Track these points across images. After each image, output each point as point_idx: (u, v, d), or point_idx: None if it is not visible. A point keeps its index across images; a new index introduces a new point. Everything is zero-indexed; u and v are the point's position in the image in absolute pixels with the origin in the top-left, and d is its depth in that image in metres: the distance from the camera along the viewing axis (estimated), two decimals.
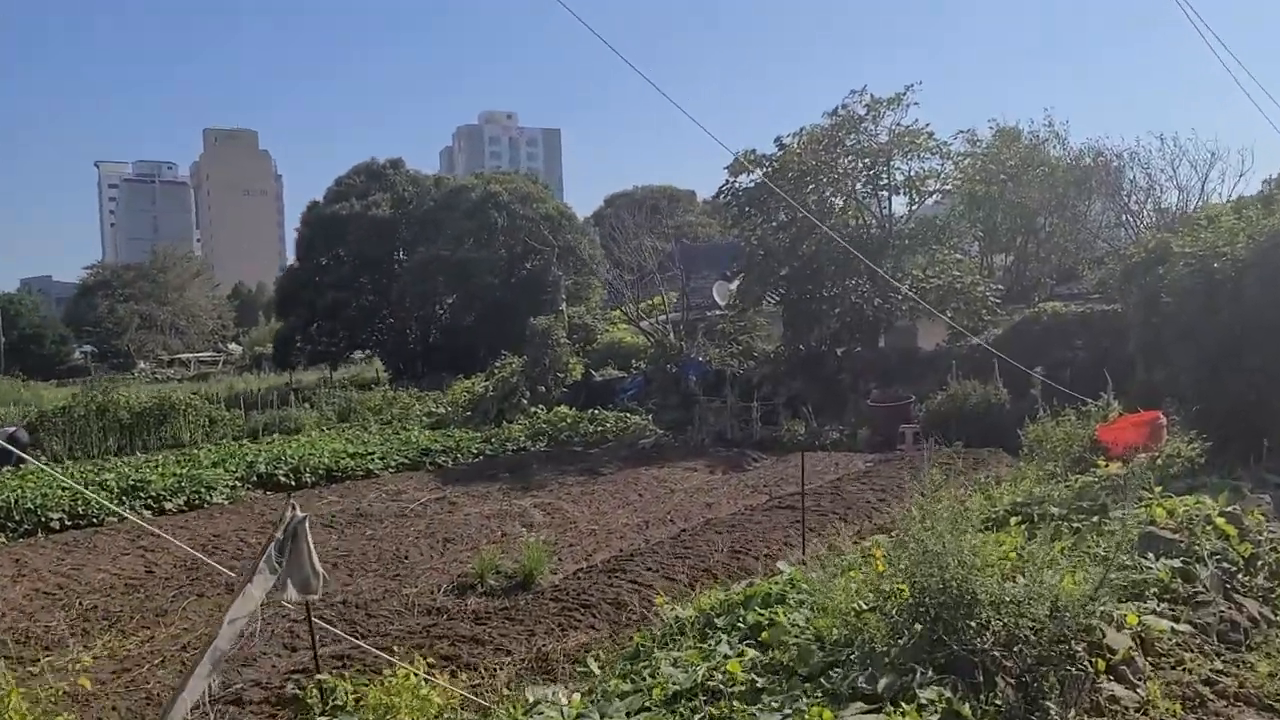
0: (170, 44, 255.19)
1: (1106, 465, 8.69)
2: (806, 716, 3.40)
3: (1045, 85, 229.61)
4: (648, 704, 3.93)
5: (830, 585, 5.08)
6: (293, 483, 15.85)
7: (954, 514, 6.18)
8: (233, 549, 10.85)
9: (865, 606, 4.25)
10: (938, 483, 8.66)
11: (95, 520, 12.57)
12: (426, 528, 11.92)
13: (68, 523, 12.35)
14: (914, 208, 24.46)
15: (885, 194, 24.10)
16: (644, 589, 8.70)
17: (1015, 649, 3.55)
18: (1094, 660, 3.69)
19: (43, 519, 12.20)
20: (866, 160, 23.56)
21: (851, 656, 3.86)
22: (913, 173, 23.81)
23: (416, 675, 4.61)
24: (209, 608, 8.38)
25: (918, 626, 3.72)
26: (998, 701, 3.42)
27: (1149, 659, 4.10)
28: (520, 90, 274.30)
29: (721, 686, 3.84)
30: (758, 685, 3.83)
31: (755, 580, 7.21)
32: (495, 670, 6.46)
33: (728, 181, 24.17)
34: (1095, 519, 6.60)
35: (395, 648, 6.36)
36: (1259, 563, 6.31)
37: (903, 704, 3.37)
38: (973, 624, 3.58)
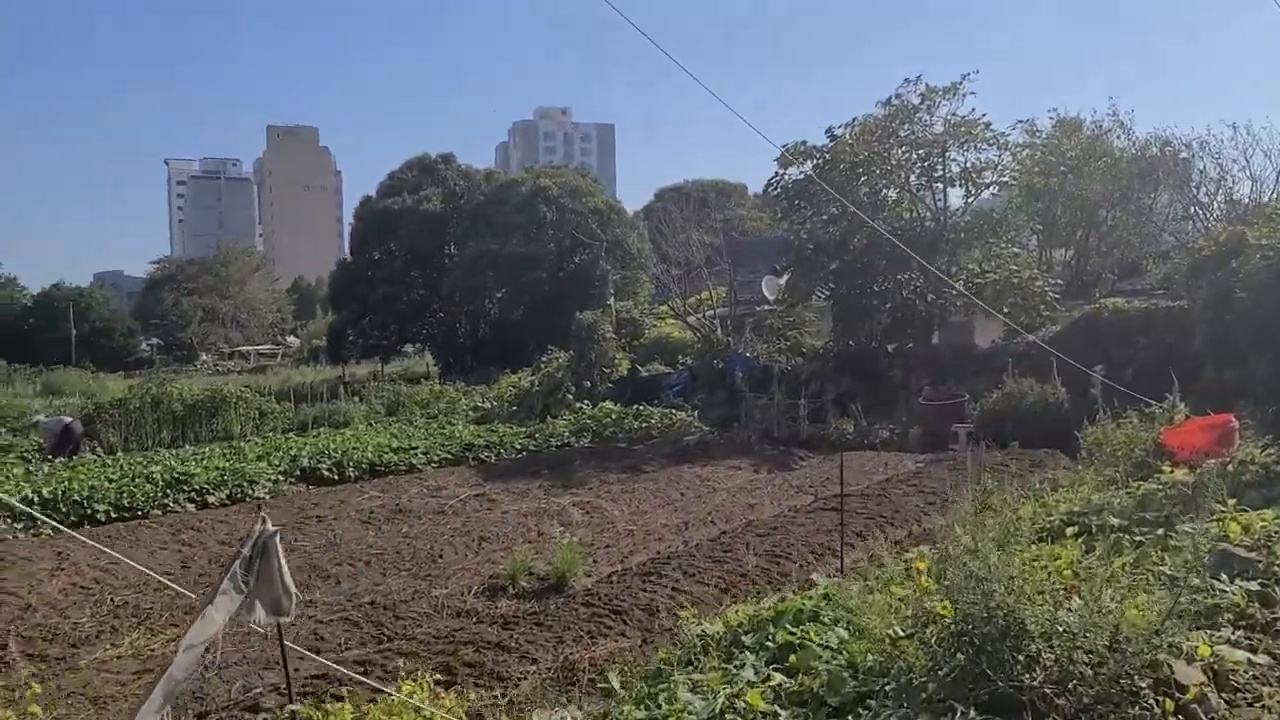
0: (234, 42, 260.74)
1: (1171, 471, 8.17)
2: None
3: (1108, 74, 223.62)
4: None
5: (867, 603, 4.74)
6: (335, 477, 15.85)
7: (1003, 530, 5.77)
8: None
9: (902, 633, 3.90)
10: (988, 490, 8.24)
11: (140, 512, 12.65)
12: (463, 525, 11.75)
13: (113, 515, 12.42)
14: (970, 200, 23.74)
15: (940, 186, 23.40)
16: (678, 594, 8.41)
17: (1070, 686, 3.18)
18: (1160, 699, 3.31)
19: (89, 511, 12.28)
20: (921, 151, 22.89)
21: (886, 687, 3.52)
22: (969, 164, 23.08)
23: (412, 695, 4.35)
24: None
25: (959, 657, 3.37)
26: None
27: (1223, 695, 3.69)
28: (575, 86, 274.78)
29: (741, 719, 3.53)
30: (780, 719, 3.52)
31: (789, 593, 6.87)
32: (519, 680, 6.22)
33: (777, 174, 23.73)
34: (1160, 532, 6.14)
35: (403, 662, 6.12)
36: None
37: None
38: (1020, 657, 3.22)
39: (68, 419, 18.51)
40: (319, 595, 8.64)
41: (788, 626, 4.65)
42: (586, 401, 23.83)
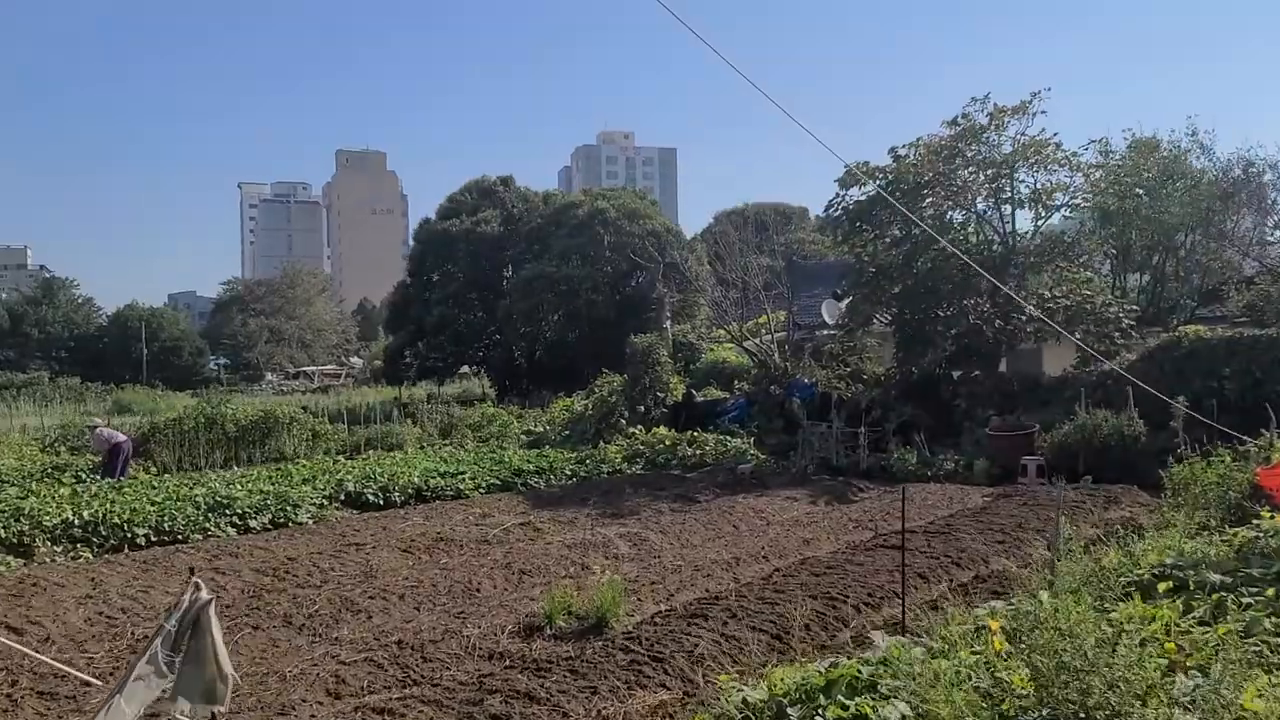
0: (308, 68, 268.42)
1: (1271, 517, 7.38)
2: None
3: (1185, 91, 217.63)
4: None
5: (932, 671, 4.14)
6: (380, 502, 15.55)
7: (1084, 581, 5.13)
8: (302, 575, 10.43)
9: None
10: (1067, 538, 7.51)
11: (180, 537, 12.45)
12: (503, 557, 11.30)
13: (153, 539, 12.24)
14: (1040, 223, 22.81)
15: (1008, 208, 22.52)
16: (725, 640, 7.83)
17: None
18: None
19: (129, 534, 12.11)
20: (989, 172, 22.07)
21: None
22: (1038, 185, 22.19)
23: None
24: (260, 643, 7.91)
25: None
26: None
27: None
28: (638, 110, 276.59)
29: None
30: None
31: (843, 657, 6.26)
32: None
33: (837, 195, 23.07)
34: (1270, 592, 5.40)
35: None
36: None
37: None
38: None
39: (120, 437, 18.54)
40: (346, 631, 8.24)
41: (840, 699, 4.08)
42: (640, 427, 23.35)
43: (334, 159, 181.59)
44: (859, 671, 4.36)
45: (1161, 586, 5.93)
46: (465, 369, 46.89)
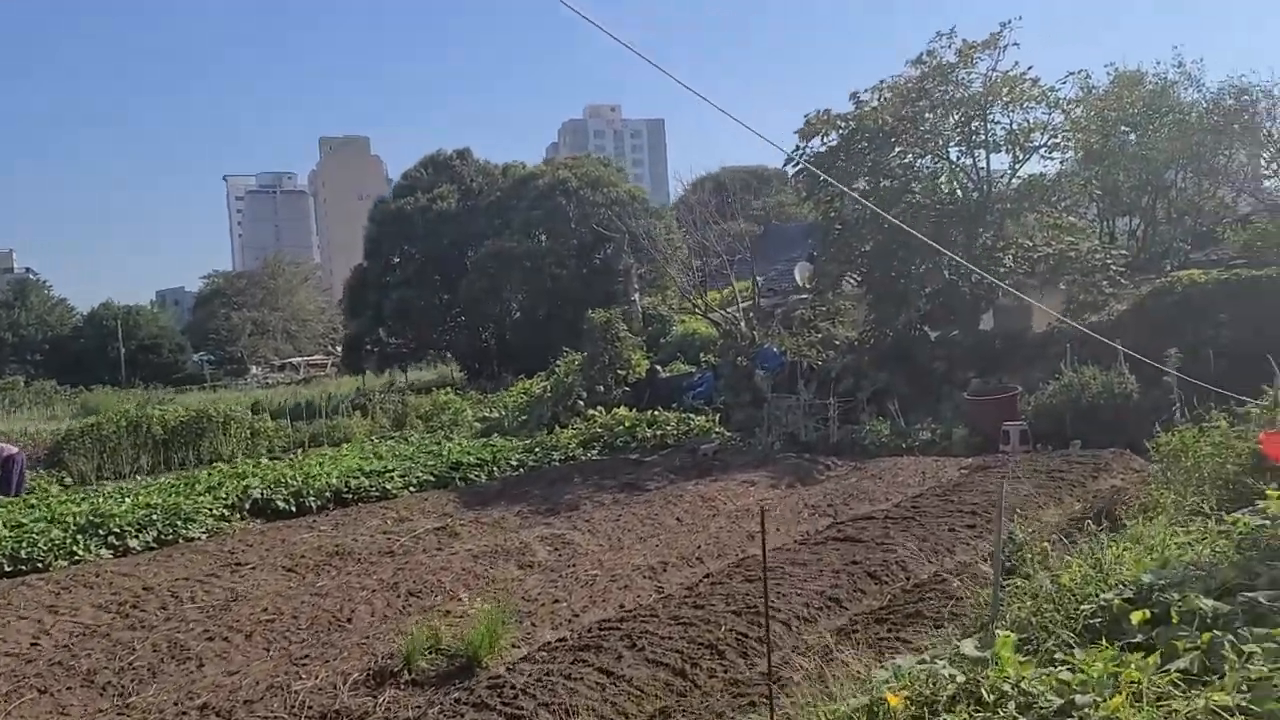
0: (289, 53, 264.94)
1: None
2: None
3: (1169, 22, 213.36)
4: None
5: None
6: (293, 509, 14.04)
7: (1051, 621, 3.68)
8: (151, 610, 8.92)
9: None
10: (1019, 544, 6.01)
11: (40, 565, 10.94)
12: (393, 574, 9.77)
13: (7, 569, 10.73)
14: (1017, 166, 21.13)
15: (982, 151, 20.83)
16: (612, 683, 6.36)
17: None
18: None
19: None
20: (958, 114, 20.36)
21: None
22: (1015, 125, 20.49)
23: None
24: (39, 714, 6.42)
25: None
26: None
27: None
28: (625, 82, 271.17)
29: None
30: None
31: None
32: None
33: (798, 148, 21.36)
34: None
35: None
36: None
37: None
38: None
39: (11, 449, 16.90)
40: (153, 692, 6.72)
41: None
42: (600, 408, 21.82)
43: (318, 146, 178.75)
44: None
45: (1135, 617, 4.41)
46: (433, 354, 45.15)
